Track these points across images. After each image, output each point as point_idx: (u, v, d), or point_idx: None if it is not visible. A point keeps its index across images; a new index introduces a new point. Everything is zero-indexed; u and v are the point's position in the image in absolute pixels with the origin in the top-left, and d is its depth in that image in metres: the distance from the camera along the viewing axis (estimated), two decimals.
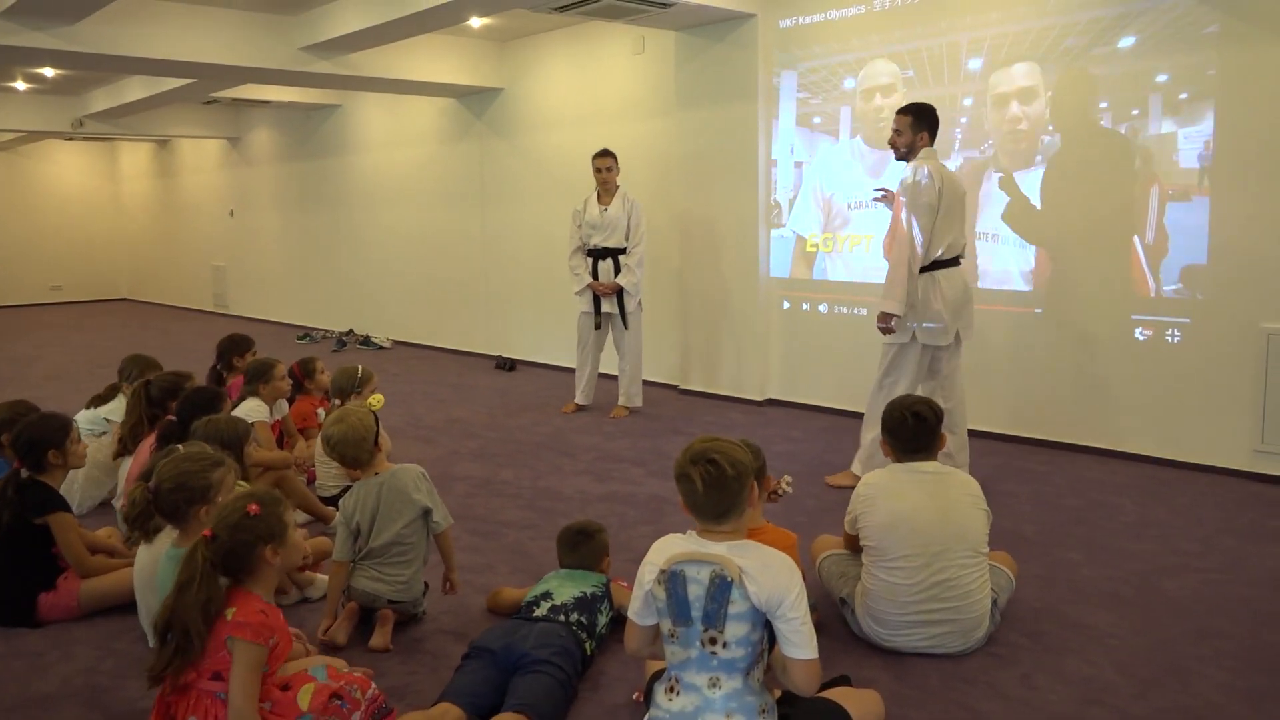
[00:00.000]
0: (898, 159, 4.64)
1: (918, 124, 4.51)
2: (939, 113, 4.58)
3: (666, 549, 2.21)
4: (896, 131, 4.55)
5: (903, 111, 4.56)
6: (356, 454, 3.14)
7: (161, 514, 2.60)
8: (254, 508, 2.29)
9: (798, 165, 6.51)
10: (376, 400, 3.55)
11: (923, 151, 4.52)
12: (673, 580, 2.16)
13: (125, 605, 3.23)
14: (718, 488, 2.15)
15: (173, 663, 2.16)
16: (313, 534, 3.84)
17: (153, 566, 3.03)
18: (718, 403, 6.83)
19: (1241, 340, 4.71)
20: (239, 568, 2.26)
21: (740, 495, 2.17)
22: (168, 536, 3.00)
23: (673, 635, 2.18)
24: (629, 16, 6.45)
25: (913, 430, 3.01)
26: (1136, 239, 5.01)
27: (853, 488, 3.59)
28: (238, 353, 5.19)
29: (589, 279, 6.39)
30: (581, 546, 3.15)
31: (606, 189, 6.33)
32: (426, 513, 3.16)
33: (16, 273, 15.52)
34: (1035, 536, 3.98)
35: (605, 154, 6.30)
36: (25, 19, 6.14)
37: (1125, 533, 4.03)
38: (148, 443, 4.05)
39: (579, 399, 6.66)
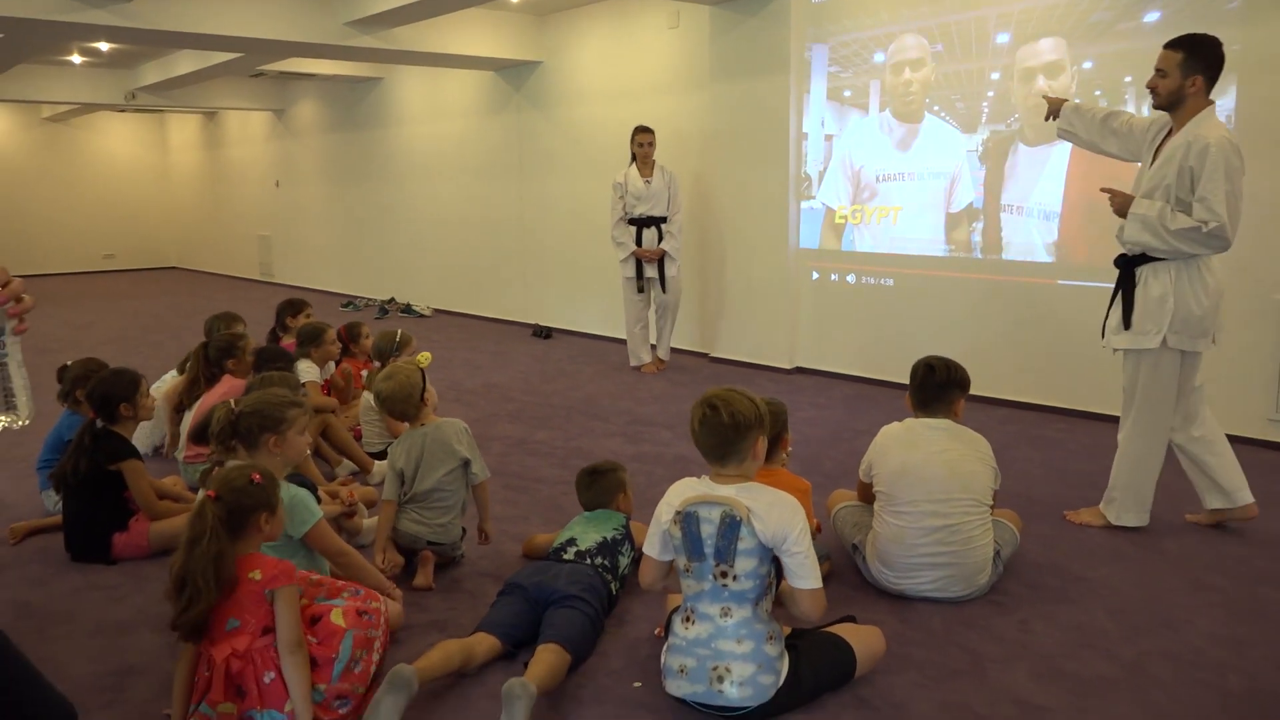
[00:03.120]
0: (1156, 107, 3.57)
1: (1189, 64, 3.39)
2: (970, 88, 4.13)
3: (682, 491, 2.44)
4: (1159, 72, 3.46)
5: (1172, 45, 3.44)
6: (405, 408, 3.39)
7: (238, 436, 2.84)
8: (257, 476, 2.44)
9: (828, 138, 6.64)
10: (424, 357, 3.79)
11: (1203, 112, 3.42)
12: (687, 520, 2.38)
13: None
14: (712, 432, 2.37)
15: (187, 612, 2.28)
16: (362, 484, 4.15)
17: None
18: (747, 370, 7.01)
19: (1256, 311, 4.80)
20: (236, 529, 2.39)
21: (738, 444, 2.38)
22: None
23: (688, 570, 2.40)
24: None
25: (920, 380, 3.20)
26: None
27: (1097, 525, 3.79)
28: (291, 313, 5.50)
29: (633, 246, 6.75)
30: (595, 484, 3.34)
31: (646, 162, 6.72)
32: (466, 464, 3.40)
33: (71, 241, 16.04)
34: (1045, 498, 4.12)
35: (648, 130, 6.77)
36: None
37: None
38: (207, 399, 4.36)
39: (644, 358, 7.08)
